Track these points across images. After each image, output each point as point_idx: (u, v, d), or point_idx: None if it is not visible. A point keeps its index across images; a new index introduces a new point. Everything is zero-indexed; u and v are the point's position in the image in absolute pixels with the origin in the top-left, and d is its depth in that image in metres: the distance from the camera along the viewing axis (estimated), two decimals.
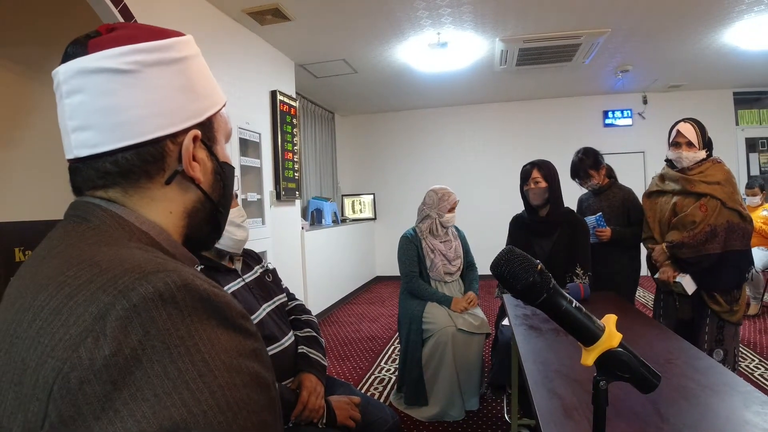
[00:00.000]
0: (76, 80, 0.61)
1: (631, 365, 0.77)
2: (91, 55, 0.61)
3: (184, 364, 0.47)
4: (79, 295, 0.49)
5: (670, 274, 2.58)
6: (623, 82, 6.81)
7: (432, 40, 4.77)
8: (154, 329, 0.46)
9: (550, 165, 2.88)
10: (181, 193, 0.67)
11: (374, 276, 8.36)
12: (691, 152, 2.57)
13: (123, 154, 0.62)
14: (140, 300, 0.47)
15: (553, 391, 1.37)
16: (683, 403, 1.29)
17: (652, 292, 6.26)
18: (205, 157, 0.69)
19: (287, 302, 1.99)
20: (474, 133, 8.16)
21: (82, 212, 0.62)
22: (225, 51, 4.02)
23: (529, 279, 0.74)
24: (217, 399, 0.47)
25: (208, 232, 0.74)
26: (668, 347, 1.79)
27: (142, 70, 0.62)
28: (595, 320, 0.77)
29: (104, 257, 0.53)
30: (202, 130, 0.68)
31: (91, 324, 0.46)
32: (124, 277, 0.49)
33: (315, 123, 7.28)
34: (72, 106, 0.61)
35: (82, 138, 0.61)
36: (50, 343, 0.47)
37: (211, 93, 0.71)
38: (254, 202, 4.34)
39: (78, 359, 0.45)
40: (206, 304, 0.52)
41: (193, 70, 0.68)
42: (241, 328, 0.55)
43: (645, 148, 7.62)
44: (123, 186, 0.63)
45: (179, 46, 0.67)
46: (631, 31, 4.83)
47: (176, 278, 0.51)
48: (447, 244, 3.22)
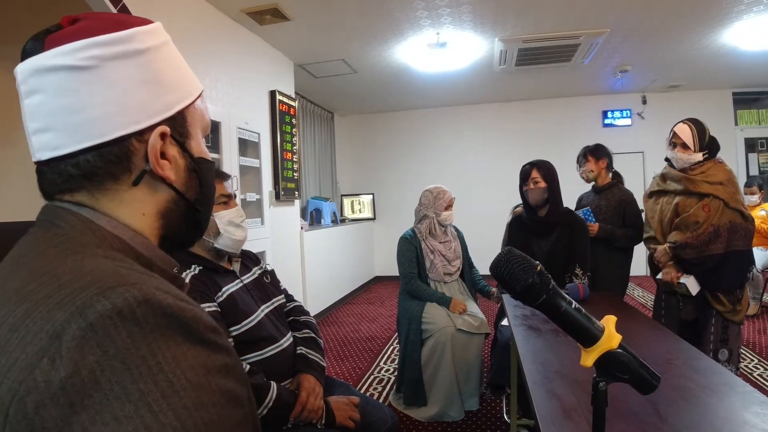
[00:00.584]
0: (33, 80, 0.58)
1: (630, 366, 0.77)
2: (47, 52, 0.58)
3: (146, 384, 0.44)
4: (36, 312, 0.46)
5: (673, 275, 2.57)
6: (622, 82, 6.82)
7: (431, 40, 4.77)
8: (113, 348, 0.44)
9: (550, 165, 2.88)
10: (152, 193, 0.64)
11: (373, 276, 8.35)
12: (685, 154, 2.56)
13: (84, 156, 0.58)
14: (97, 318, 0.45)
15: (553, 392, 1.37)
16: (682, 403, 1.28)
17: (652, 292, 6.29)
18: (176, 153, 0.65)
19: (286, 303, 1.99)
20: (473, 133, 8.16)
21: (52, 217, 0.60)
22: (224, 51, 4.02)
23: (529, 280, 0.74)
24: (182, 421, 0.45)
25: (186, 230, 0.70)
26: (667, 348, 1.79)
27: (101, 65, 0.58)
28: (594, 321, 0.77)
29: (66, 269, 0.51)
30: (172, 125, 0.64)
31: (47, 343, 0.44)
32: (82, 293, 0.47)
33: (314, 123, 7.27)
34: (31, 107, 0.58)
35: (43, 140, 0.59)
36: (7, 363, 0.44)
37: (181, 84, 0.66)
38: (253, 202, 4.33)
39: (33, 382, 0.42)
40: (170, 320, 0.49)
41: (158, 61, 0.63)
42: (210, 342, 0.52)
43: (644, 148, 7.63)
44: (88, 189, 0.60)
45: (142, 36, 0.62)
46: (630, 31, 4.83)
47: (136, 293, 0.48)
48: (446, 244, 3.22)
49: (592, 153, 3.25)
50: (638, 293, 6.27)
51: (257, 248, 4.04)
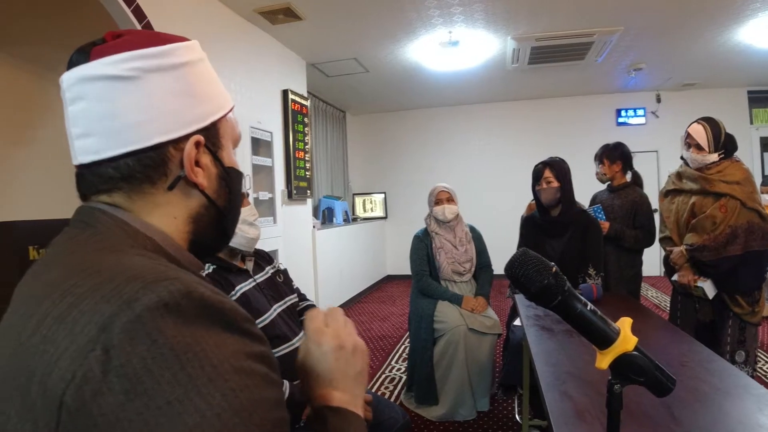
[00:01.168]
0: (78, 87, 0.61)
1: (646, 369, 0.76)
2: (92, 62, 0.61)
3: (193, 369, 0.47)
4: (82, 304, 0.49)
5: (690, 278, 2.53)
6: (636, 81, 6.76)
7: (443, 38, 4.76)
8: (161, 338, 0.47)
9: (563, 164, 2.86)
10: (185, 198, 0.67)
11: (385, 275, 8.35)
12: (699, 155, 2.52)
13: (124, 160, 0.62)
14: (144, 310, 0.47)
15: (565, 393, 1.36)
16: (697, 405, 1.27)
17: (666, 292, 6.24)
18: (209, 162, 0.69)
19: (298, 302, 2.00)
20: (485, 131, 8.13)
21: (87, 218, 0.63)
22: (237, 50, 4.04)
23: (544, 282, 0.73)
24: (229, 401, 0.47)
25: (214, 237, 0.73)
26: (682, 349, 1.78)
27: (142, 76, 0.62)
28: (610, 323, 0.77)
29: (107, 265, 0.54)
30: (206, 135, 0.68)
31: (97, 335, 0.46)
32: (127, 287, 0.49)
33: (326, 122, 7.29)
34: (74, 113, 0.62)
35: (85, 145, 0.62)
36: (56, 352, 0.47)
37: (215, 97, 0.70)
38: (265, 201, 4.35)
39: (90, 371, 0.45)
40: (210, 311, 0.52)
41: (195, 75, 0.68)
42: (247, 331, 0.55)
43: (658, 147, 7.55)
44: (126, 191, 0.64)
45: (180, 51, 0.66)
46: (644, 29, 4.78)
47: (180, 286, 0.51)
48: (459, 245, 3.21)
49: (607, 156, 3.21)
50: (652, 294, 6.22)
51: (269, 247, 4.06)
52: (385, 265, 8.39)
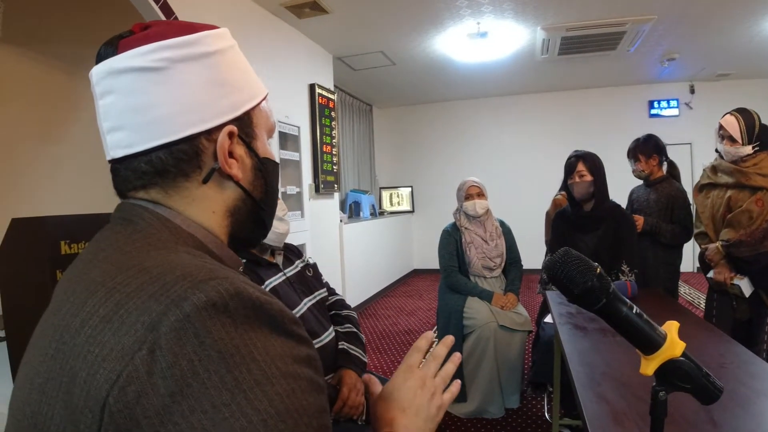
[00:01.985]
0: (107, 81, 0.60)
1: (693, 376, 0.72)
2: (120, 55, 0.60)
3: (240, 373, 0.46)
4: (129, 303, 0.48)
5: (727, 276, 2.45)
6: (669, 71, 6.56)
7: (471, 30, 4.70)
8: (209, 339, 0.46)
9: (596, 157, 2.79)
10: (221, 191, 0.66)
11: (412, 269, 8.34)
12: (732, 147, 2.43)
13: (156, 154, 0.61)
14: (193, 309, 0.46)
15: (601, 395, 1.32)
16: (737, 410, 1.22)
17: (699, 289, 6.08)
18: (243, 153, 0.67)
19: (327, 297, 1.99)
20: (514, 124, 8.01)
21: (128, 214, 0.61)
22: (264, 45, 4.05)
23: (588, 283, 0.70)
24: (276, 407, 0.46)
25: (253, 229, 0.72)
26: (720, 350, 1.71)
27: (171, 67, 0.60)
28: (656, 327, 0.73)
29: (153, 263, 0.53)
30: (239, 125, 0.66)
31: (144, 334, 0.45)
32: (175, 286, 0.48)
33: (353, 116, 7.28)
34: (105, 107, 0.61)
35: (116, 139, 0.61)
36: (101, 353, 0.46)
37: (247, 86, 0.68)
38: (293, 195, 4.36)
39: (135, 371, 0.44)
40: (259, 312, 0.51)
41: (226, 63, 0.66)
42: (294, 334, 0.54)
43: (692, 140, 7.33)
44: (161, 186, 0.62)
45: (209, 39, 0.64)
46: (678, 17, 4.63)
47: (228, 286, 0.49)
48: (489, 240, 3.16)
49: (641, 151, 3.10)
50: (685, 290, 6.07)
51: (297, 241, 4.07)
52: (411, 259, 8.37)
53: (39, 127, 3.42)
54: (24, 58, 3.36)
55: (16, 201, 3.33)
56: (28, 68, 3.38)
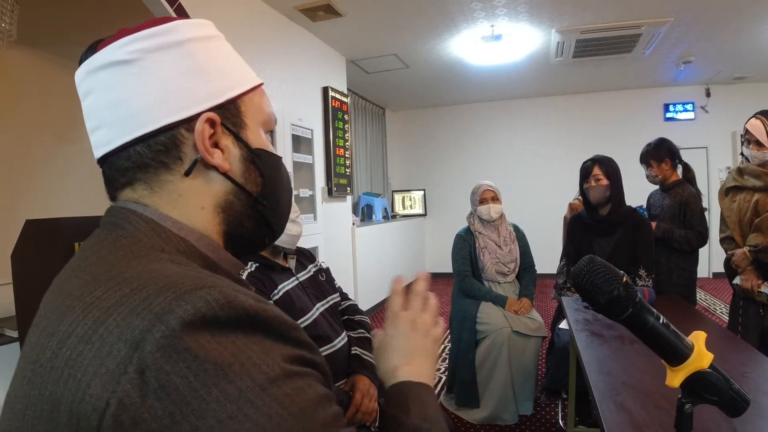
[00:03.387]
0: (87, 81, 0.60)
1: (721, 388, 0.70)
2: (98, 52, 0.60)
3: (242, 381, 0.43)
4: (109, 320, 0.45)
5: (754, 282, 2.39)
6: (685, 74, 6.48)
7: (486, 32, 4.67)
8: (202, 353, 0.43)
9: (612, 161, 2.75)
10: (207, 184, 0.62)
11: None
12: (759, 152, 2.37)
13: (134, 148, 0.59)
14: (180, 323, 0.43)
15: (621, 405, 1.29)
16: (760, 421, 1.19)
17: (716, 296, 5.98)
18: (230, 143, 0.63)
19: (340, 302, 1.97)
20: (528, 127, 7.95)
21: (116, 218, 0.59)
22: (277, 48, 4.05)
23: (614, 293, 0.67)
24: (288, 408, 0.44)
25: (253, 228, 0.67)
26: (741, 359, 1.67)
27: (144, 57, 0.59)
28: (683, 338, 0.70)
29: (134, 273, 0.49)
30: (223, 113, 0.62)
31: (128, 354, 0.42)
32: (158, 298, 0.45)
33: (366, 119, 7.28)
34: (87, 107, 0.61)
35: (98, 138, 0.60)
36: (84, 377, 0.43)
37: (230, 74, 0.65)
38: (306, 198, 4.36)
39: (126, 397, 0.41)
40: (253, 321, 0.48)
41: (203, 51, 0.63)
42: (293, 339, 0.51)
43: (708, 143, 7.23)
44: (146, 181, 0.60)
45: (183, 27, 0.62)
46: (694, 20, 4.57)
47: (217, 295, 0.46)
48: (503, 245, 3.13)
49: (653, 156, 3.05)
50: (701, 296, 5.97)
51: (310, 244, 4.07)
52: (424, 262, 8.34)
53: (52, 128, 3.45)
54: (37, 59, 3.39)
55: (31, 202, 3.36)
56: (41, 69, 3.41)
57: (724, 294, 5.98)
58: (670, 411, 0.71)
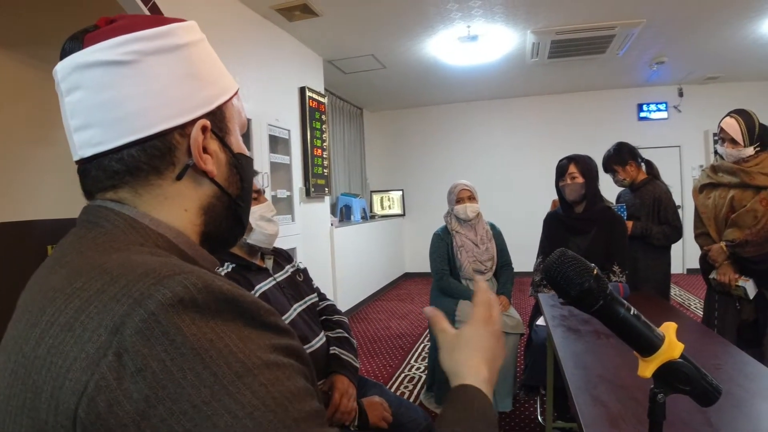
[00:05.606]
0: (74, 76, 0.58)
1: (692, 378, 0.71)
2: (87, 49, 0.58)
3: (219, 368, 0.43)
4: (90, 308, 0.45)
5: (731, 277, 2.43)
6: (658, 74, 6.63)
7: (462, 33, 4.71)
8: (180, 337, 0.43)
9: (588, 159, 2.79)
10: (195, 188, 0.63)
11: (403, 272, 8.32)
12: (734, 150, 2.43)
13: (128, 151, 0.58)
14: (158, 307, 0.44)
15: (597, 398, 1.31)
16: (734, 411, 1.22)
17: (689, 290, 6.11)
18: (217, 148, 0.65)
19: (318, 302, 1.96)
20: (505, 127, 8.03)
21: (94, 217, 0.59)
22: (254, 48, 4.02)
23: (585, 285, 0.68)
24: (261, 398, 0.44)
25: (229, 227, 0.69)
26: (715, 351, 1.71)
27: (142, 60, 0.58)
28: (654, 329, 0.71)
29: (114, 264, 0.50)
30: (212, 120, 0.64)
31: (107, 339, 0.43)
32: (137, 284, 0.46)
33: (343, 119, 7.27)
34: (72, 104, 0.58)
35: (85, 137, 0.58)
36: (64, 364, 0.43)
37: (219, 80, 0.66)
38: (284, 198, 4.34)
39: (102, 379, 0.41)
40: (231, 306, 0.48)
41: (197, 56, 0.64)
42: (272, 325, 0.52)
43: (681, 142, 7.40)
44: (132, 185, 0.60)
45: (180, 31, 0.62)
46: (666, 21, 4.67)
47: (195, 280, 0.47)
48: (480, 243, 3.15)
49: (617, 162, 3.11)
50: (675, 292, 6.10)
51: (288, 245, 4.05)
52: (403, 262, 8.35)
53: (27, 130, 3.38)
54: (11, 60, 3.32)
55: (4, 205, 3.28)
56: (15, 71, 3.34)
57: (698, 289, 6.12)
58: (644, 402, 0.72)
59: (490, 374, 0.71)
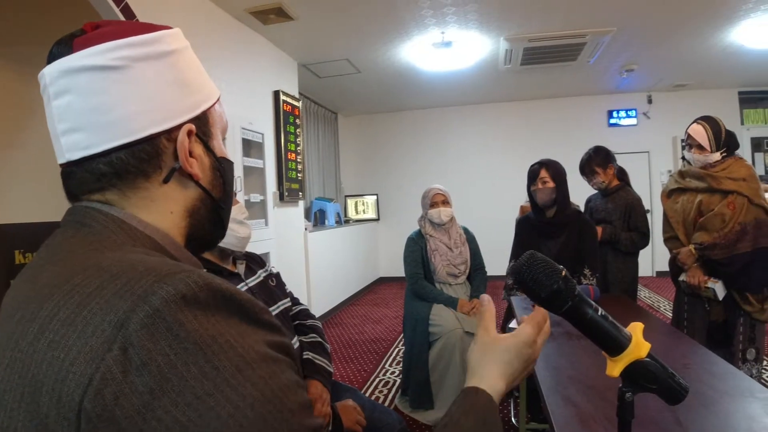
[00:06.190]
0: (63, 80, 0.58)
1: (659, 376, 0.72)
2: (77, 53, 0.58)
3: (220, 361, 0.46)
4: (92, 303, 0.46)
5: (700, 278, 2.48)
6: (628, 82, 6.78)
7: (436, 39, 4.74)
8: (183, 332, 0.45)
9: (558, 165, 2.84)
10: (181, 191, 0.65)
11: (377, 277, 8.32)
12: (701, 155, 2.50)
13: (117, 154, 0.59)
14: (162, 303, 0.46)
15: (568, 399, 1.33)
16: (702, 410, 1.25)
17: (658, 293, 6.24)
18: (201, 152, 0.67)
19: (291, 307, 1.95)
20: (478, 132, 8.12)
21: (81, 217, 0.59)
22: (228, 51, 3.99)
23: (554, 286, 0.69)
24: (261, 390, 0.46)
25: (212, 229, 0.71)
26: (683, 351, 1.75)
27: (131, 65, 0.59)
28: (621, 329, 0.73)
29: (112, 262, 0.51)
30: (197, 124, 0.65)
31: (112, 333, 0.44)
32: (140, 281, 0.47)
33: (318, 123, 7.25)
34: (60, 108, 0.59)
35: (73, 140, 0.59)
36: (67, 357, 0.44)
37: (203, 86, 0.68)
38: (257, 203, 4.30)
39: (108, 372, 0.43)
40: (229, 303, 0.50)
41: (184, 63, 0.65)
42: (266, 323, 0.54)
43: (650, 148, 7.58)
44: (120, 188, 0.61)
45: (168, 38, 0.64)
46: (636, 30, 4.78)
47: (197, 278, 0.49)
48: (453, 247, 3.18)
49: (599, 164, 3.16)
50: (645, 294, 6.23)
51: (261, 249, 4.01)
52: (377, 267, 8.35)
53: None
54: None
55: None
56: None
57: (667, 291, 6.26)
58: (614, 402, 0.73)
59: (504, 391, 0.72)
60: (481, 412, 0.66)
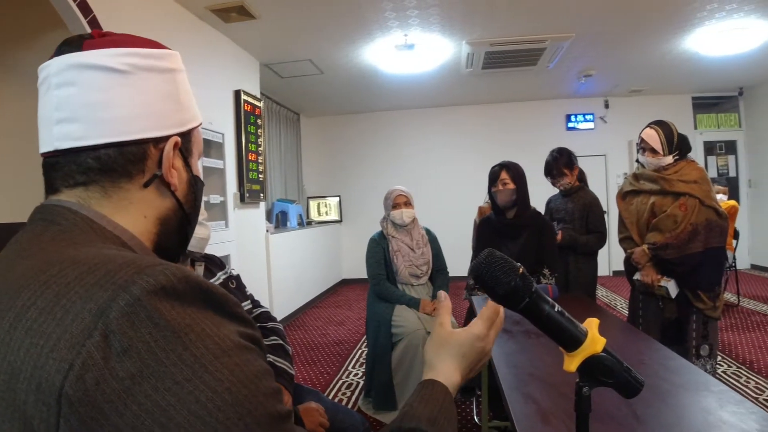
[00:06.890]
0: (70, 73, 0.62)
1: (615, 370, 0.74)
2: (89, 51, 0.63)
3: (197, 349, 0.48)
4: (71, 293, 0.48)
5: (654, 277, 2.56)
6: (586, 87, 6.97)
7: (399, 41, 4.76)
8: (162, 321, 0.47)
9: (518, 167, 2.89)
10: (157, 197, 0.68)
11: (340, 279, 8.29)
12: (654, 159, 2.58)
13: (106, 151, 0.62)
14: (143, 293, 0.47)
15: (528, 396, 1.34)
16: (659, 404, 1.28)
17: (615, 291, 6.42)
18: (181, 167, 0.71)
19: (252, 309, 1.92)
20: (440, 135, 8.20)
21: (50, 215, 0.61)
22: (188, 48, 3.90)
23: (511, 283, 0.71)
24: (237, 375, 0.49)
25: (177, 243, 0.75)
26: (639, 347, 1.80)
27: (136, 72, 0.64)
28: (577, 325, 0.74)
29: (87, 256, 0.53)
30: (183, 140, 0.70)
31: (93, 321, 0.46)
32: (120, 272, 0.49)
33: (280, 124, 7.17)
34: (60, 97, 0.62)
35: (67, 130, 0.62)
36: (47, 344, 0.46)
37: (192, 108, 0.74)
38: (217, 204, 4.22)
39: (90, 358, 0.44)
40: (206, 296, 0.53)
41: (180, 82, 0.71)
42: (239, 316, 0.56)
43: (606, 151, 7.81)
44: (103, 185, 0.63)
45: (171, 58, 0.70)
46: (595, 36, 4.92)
47: (175, 271, 0.51)
48: (416, 248, 3.19)
49: (566, 164, 3.22)
50: (603, 293, 6.39)
51: (221, 252, 3.94)
52: (340, 269, 8.32)
53: None
54: None
55: None
56: None
57: (623, 290, 6.44)
58: (572, 397, 0.75)
59: (460, 383, 0.77)
60: (438, 401, 0.71)
